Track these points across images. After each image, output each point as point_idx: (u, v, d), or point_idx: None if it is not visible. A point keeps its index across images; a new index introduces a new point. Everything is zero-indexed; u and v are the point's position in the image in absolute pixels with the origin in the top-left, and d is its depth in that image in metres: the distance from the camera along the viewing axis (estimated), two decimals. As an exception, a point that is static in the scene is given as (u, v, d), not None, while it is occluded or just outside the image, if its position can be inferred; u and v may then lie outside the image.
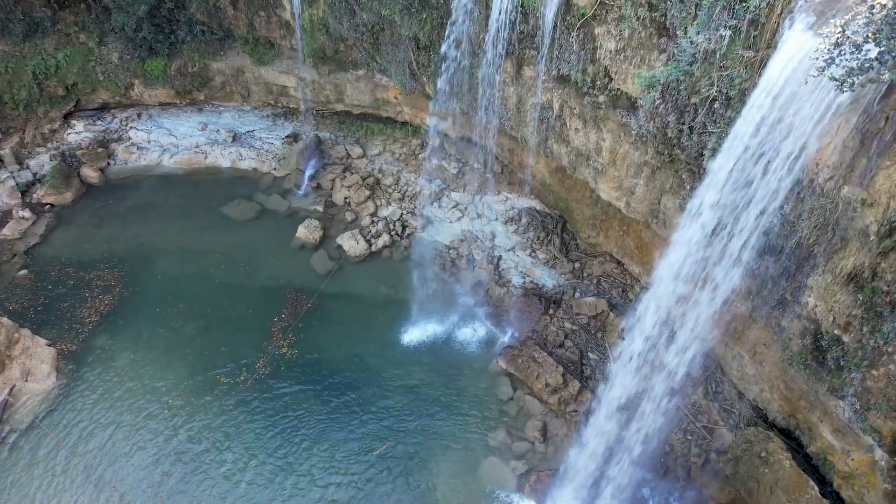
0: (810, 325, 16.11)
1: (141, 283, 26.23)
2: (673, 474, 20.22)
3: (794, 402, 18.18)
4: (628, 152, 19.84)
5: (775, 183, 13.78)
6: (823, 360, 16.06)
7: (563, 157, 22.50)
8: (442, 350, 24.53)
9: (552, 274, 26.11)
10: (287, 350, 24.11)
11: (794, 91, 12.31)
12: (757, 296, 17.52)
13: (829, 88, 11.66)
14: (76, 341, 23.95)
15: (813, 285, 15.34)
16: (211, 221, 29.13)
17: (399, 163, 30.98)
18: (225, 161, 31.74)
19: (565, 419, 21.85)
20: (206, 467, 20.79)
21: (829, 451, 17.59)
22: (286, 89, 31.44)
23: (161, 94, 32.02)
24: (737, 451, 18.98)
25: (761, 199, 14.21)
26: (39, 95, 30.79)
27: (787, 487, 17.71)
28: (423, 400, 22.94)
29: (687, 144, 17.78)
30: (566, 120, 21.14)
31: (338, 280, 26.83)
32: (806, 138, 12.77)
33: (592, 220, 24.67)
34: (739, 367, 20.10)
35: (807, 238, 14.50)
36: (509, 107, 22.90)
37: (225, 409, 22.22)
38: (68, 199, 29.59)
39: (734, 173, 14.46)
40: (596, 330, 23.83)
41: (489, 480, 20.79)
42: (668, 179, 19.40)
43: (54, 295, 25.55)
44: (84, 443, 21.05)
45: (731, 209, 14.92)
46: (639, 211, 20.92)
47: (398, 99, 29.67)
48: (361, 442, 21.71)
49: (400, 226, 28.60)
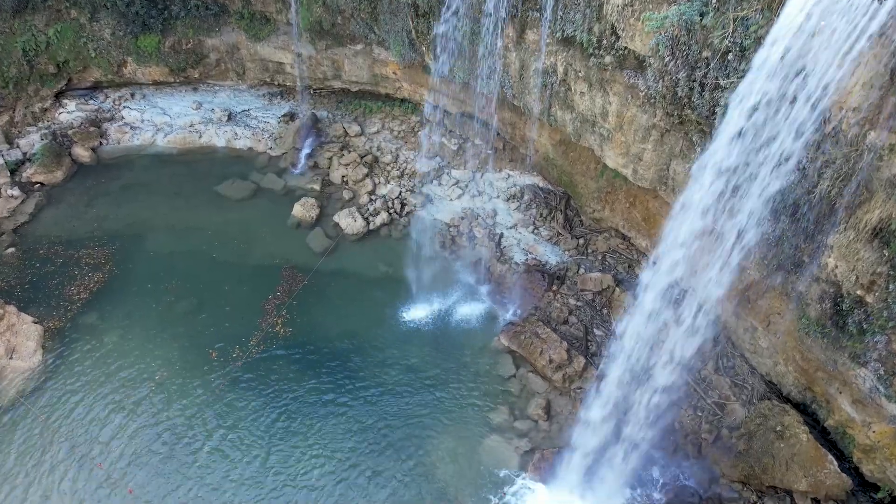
0: (830, 289, 15.27)
1: (132, 261, 25.48)
2: (683, 452, 19.37)
3: (810, 373, 17.33)
4: (636, 115, 19.01)
5: (792, 133, 12.96)
6: (844, 324, 15.22)
7: (567, 124, 21.66)
8: (442, 328, 23.72)
9: (556, 250, 25.28)
10: (281, 328, 23.32)
11: (815, 23, 11.48)
12: (772, 261, 16.68)
13: (855, 18, 10.86)
14: (64, 319, 23.20)
15: (833, 244, 14.50)
16: (205, 200, 28.40)
17: (398, 140, 30.18)
18: (220, 140, 31.03)
19: (570, 396, 21.01)
20: (195, 446, 19.98)
21: (849, 424, 16.76)
22: (282, 66, 30.67)
23: (154, 72, 31.26)
24: (750, 426, 18.13)
25: (777, 152, 13.40)
26: (30, 73, 30.03)
27: (804, 462, 16.86)
28: (422, 379, 22.12)
29: (698, 103, 16.95)
30: (571, 84, 20.32)
31: (334, 258, 26.04)
32: (828, 78, 11.95)
33: (598, 193, 23.82)
34: (752, 339, 19.26)
35: (828, 191, 13.66)
36: (511, 73, 22.09)
37: (216, 387, 21.42)
38: (59, 178, 28.89)
39: (748, 125, 13.65)
40: (601, 306, 22.99)
41: (491, 460, 19.95)
42: (677, 143, 18.57)
43: (42, 273, 24.81)
44: (69, 421, 20.26)
45: (744, 164, 14.11)
46: (646, 178, 20.08)
47: (397, 74, 28.89)
48: (358, 422, 20.89)
49: (399, 204, 27.80)
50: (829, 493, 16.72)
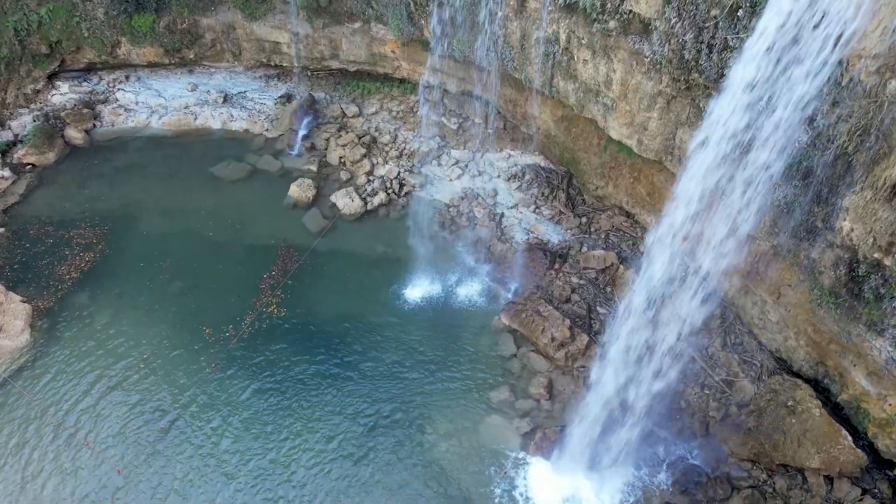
0: (844, 254, 14.64)
1: (125, 241, 24.90)
2: (689, 431, 18.71)
3: (823, 346, 16.69)
4: (641, 83, 18.40)
5: (806, 84, 12.34)
6: (860, 292, 14.60)
7: (569, 95, 21.04)
8: (441, 308, 23.10)
9: (557, 230, 24.65)
10: (275, 309, 22.72)
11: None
12: (782, 229, 16.06)
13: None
14: (53, 298, 22.62)
15: (849, 206, 13.87)
16: (200, 182, 27.83)
17: (397, 121, 29.58)
18: (215, 122, 30.47)
19: (573, 375, 20.38)
20: (185, 426, 19.39)
21: (863, 398, 16.12)
22: (279, 46, 30.07)
23: (149, 52, 30.67)
24: (760, 402, 17.48)
25: (788, 107, 12.77)
26: (21, 53, 29.43)
27: (817, 438, 16.22)
28: (420, 359, 21.49)
29: (706, 66, 16.38)
30: (573, 52, 19.70)
31: (331, 238, 25.44)
32: (845, 24, 11.33)
33: (601, 169, 23.20)
34: (761, 314, 18.62)
35: (843, 147, 13.03)
36: (512, 44, 21.47)
37: (208, 366, 20.82)
38: (51, 159, 28.32)
39: (757, 76, 13.03)
40: (605, 284, 22.35)
41: (491, 439, 19.32)
42: (683, 110, 17.96)
43: (32, 253, 24.23)
44: (56, 400, 19.67)
45: (754, 118, 13.48)
46: (651, 149, 19.46)
47: (395, 53, 28.28)
48: (354, 401, 20.27)
49: (397, 184, 27.20)
50: (842, 470, 16.07)
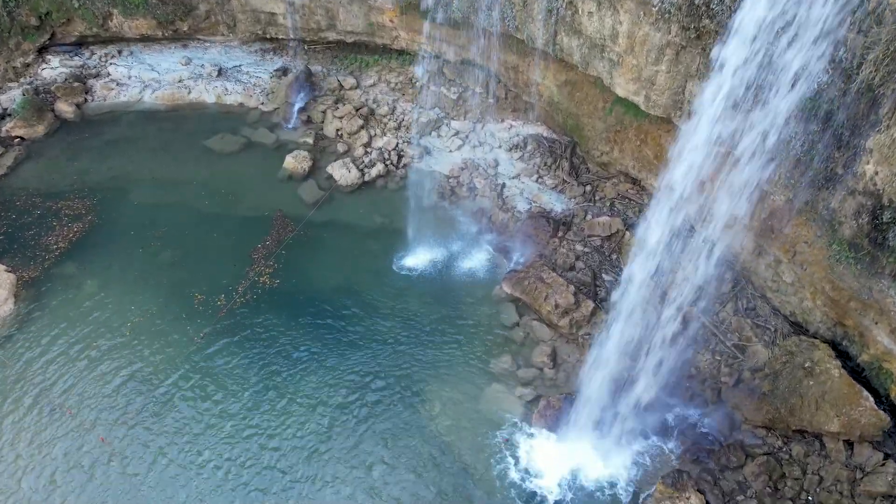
0: (867, 201, 13.82)
1: (114, 212, 24.19)
2: (700, 398, 17.89)
3: (842, 304, 15.86)
4: (648, 34, 17.59)
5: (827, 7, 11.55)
6: (883, 241, 13.79)
7: (573, 52, 20.23)
8: (441, 278, 22.32)
9: (561, 198, 23.84)
10: (268, 279, 21.96)
11: None
12: (799, 179, 15.25)
13: None
14: (40, 268, 21.94)
15: (873, 147, 13.07)
16: (193, 155, 27.09)
17: (395, 92, 28.78)
18: (209, 96, 29.71)
19: (577, 343, 19.56)
20: (172, 395, 18.64)
21: (885, 358, 15.31)
22: (274, 17, 29.29)
23: (142, 24, 29.88)
24: (775, 364, 16.64)
25: (810, 33, 11.98)
26: (10, 25, 28.70)
27: (836, 400, 15.38)
28: (420, 329, 20.71)
29: (717, 9, 15.57)
30: (578, 4, 18.90)
31: (327, 209, 24.68)
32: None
33: (606, 134, 22.37)
34: (775, 276, 17.79)
35: (869, 80, 12.21)
36: (514, 1, 20.68)
37: (196, 335, 20.05)
38: (40, 132, 27.61)
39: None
40: (610, 251, 21.54)
41: (493, 408, 18.54)
42: (693, 61, 17.15)
43: (18, 224, 23.53)
44: (38, 368, 18.94)
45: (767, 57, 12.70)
46: (659, 104, 18.64)
47: (394, 22, 27.49)
48: (351, 372, 19.48)
49: (396, 156, 26.41)
50: (863, 434, 15.23)
